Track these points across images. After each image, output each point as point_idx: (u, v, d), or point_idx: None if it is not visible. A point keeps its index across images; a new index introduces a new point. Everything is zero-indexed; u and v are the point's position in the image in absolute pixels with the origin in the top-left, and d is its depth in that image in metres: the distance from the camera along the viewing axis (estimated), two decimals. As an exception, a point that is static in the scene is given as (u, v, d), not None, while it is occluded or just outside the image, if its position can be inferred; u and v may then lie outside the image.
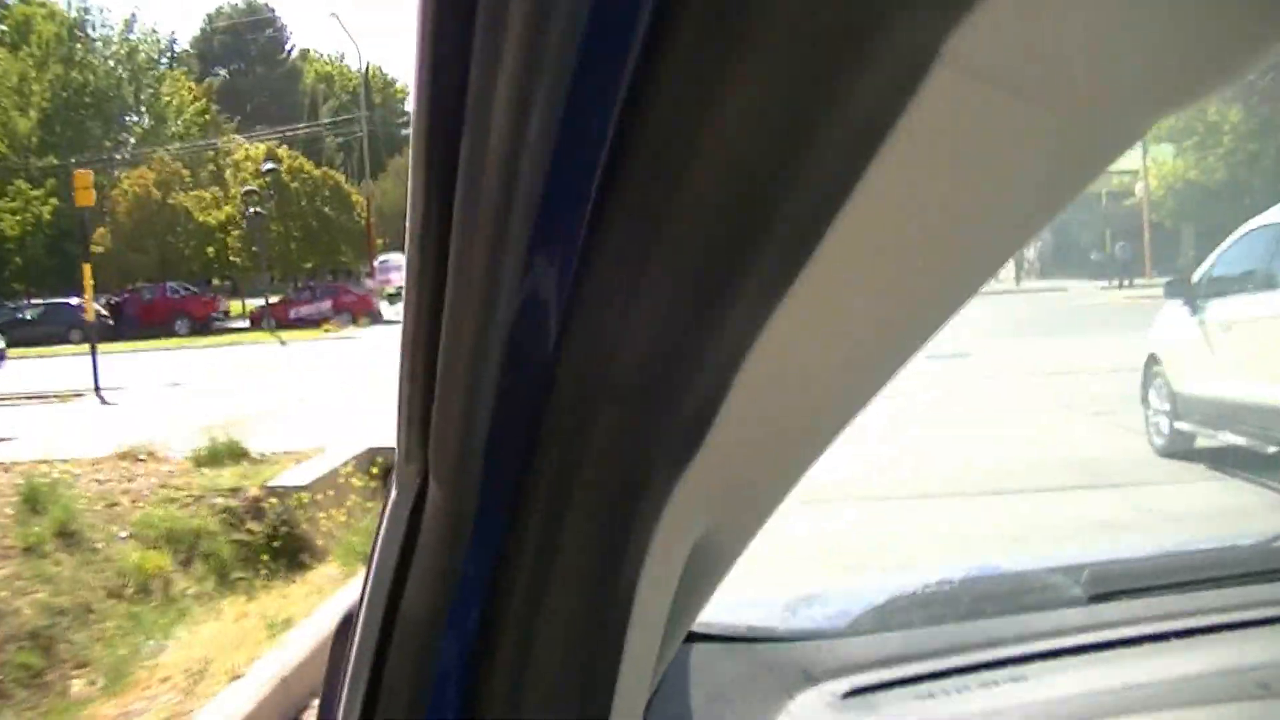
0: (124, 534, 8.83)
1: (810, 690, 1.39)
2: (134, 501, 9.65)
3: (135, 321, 44.25)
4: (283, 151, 56.11)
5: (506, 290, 0.56)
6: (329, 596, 7.35)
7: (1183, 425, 10.31)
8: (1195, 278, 10.79)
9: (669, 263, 0.53)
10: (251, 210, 44.84)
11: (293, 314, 44.33)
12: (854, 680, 1.41)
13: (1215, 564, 1.74)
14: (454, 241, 0.57)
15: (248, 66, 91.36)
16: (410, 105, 0.59)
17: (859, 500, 9.13)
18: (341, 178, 57.77)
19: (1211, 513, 8.18)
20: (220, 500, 9.64)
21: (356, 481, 10.09)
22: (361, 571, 0.85)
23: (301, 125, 69.12)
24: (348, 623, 0.82)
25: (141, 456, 11.14)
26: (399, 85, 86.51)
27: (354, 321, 42.44)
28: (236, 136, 63.96)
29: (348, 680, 0.74)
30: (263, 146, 57.77)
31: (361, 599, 0.74)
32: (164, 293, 46.45)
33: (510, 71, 0.50)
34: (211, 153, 59.59)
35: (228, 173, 56.54)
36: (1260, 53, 0.51)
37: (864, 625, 1.56)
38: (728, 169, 0.50)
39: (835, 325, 0.61)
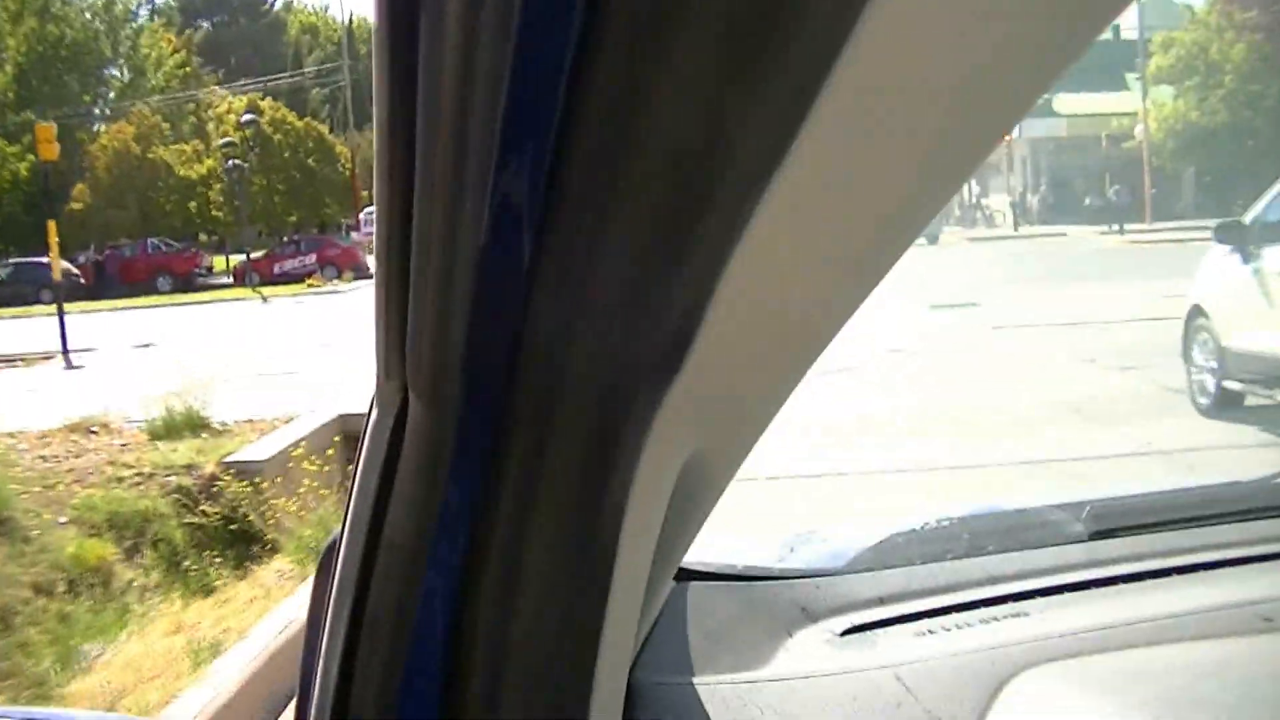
0: (63, 519, 7.99)
1: (809, 627, 1.38)
2: (77, 481, 8.78)
3: (116, 279, 43.57)
4: (265, 103, 54.86)
5: (473, 202, 0.56)
6: (275, 602, 6.49)
7: (1231, 383, 9.56)
8: (1248, 220, 9.94)
9: (637, 183, 0.54)
10: (231, 163, 43.80)
11: (277, 269, 43.58)
12: (852, 618, 1.40)
13: (1217, 500, 1.75)
14: (419, 150, 0.57)
15: (230, 18, 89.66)
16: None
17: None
18: (325, 129, 56.59)
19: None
20: (173, 479, 8.84)
21: (309, 465, 9.14)
22: (345, 496, 0.78)
23: (284, 75, 67.67)
24: (332, 550, 0.81)
25: (94, 429, 10.37)
26: None
27: (339, 276, 41.67)
28: (218, 89, 62.56)
29: (330, 609, 0.72)
30: (244, 99, 56.40)
31: (344, 524, 0.73)
32: (145, 249, 45.63)
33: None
34: (193, 106, 58.31)
35: (210, 126, 55.17)
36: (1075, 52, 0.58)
37: (863, 563, 1.55)
38: (673, 123, 0.52)
39: (791, 260, 0.63)
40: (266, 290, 38.24)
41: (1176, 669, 1.29)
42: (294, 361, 16.86)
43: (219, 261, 48.84)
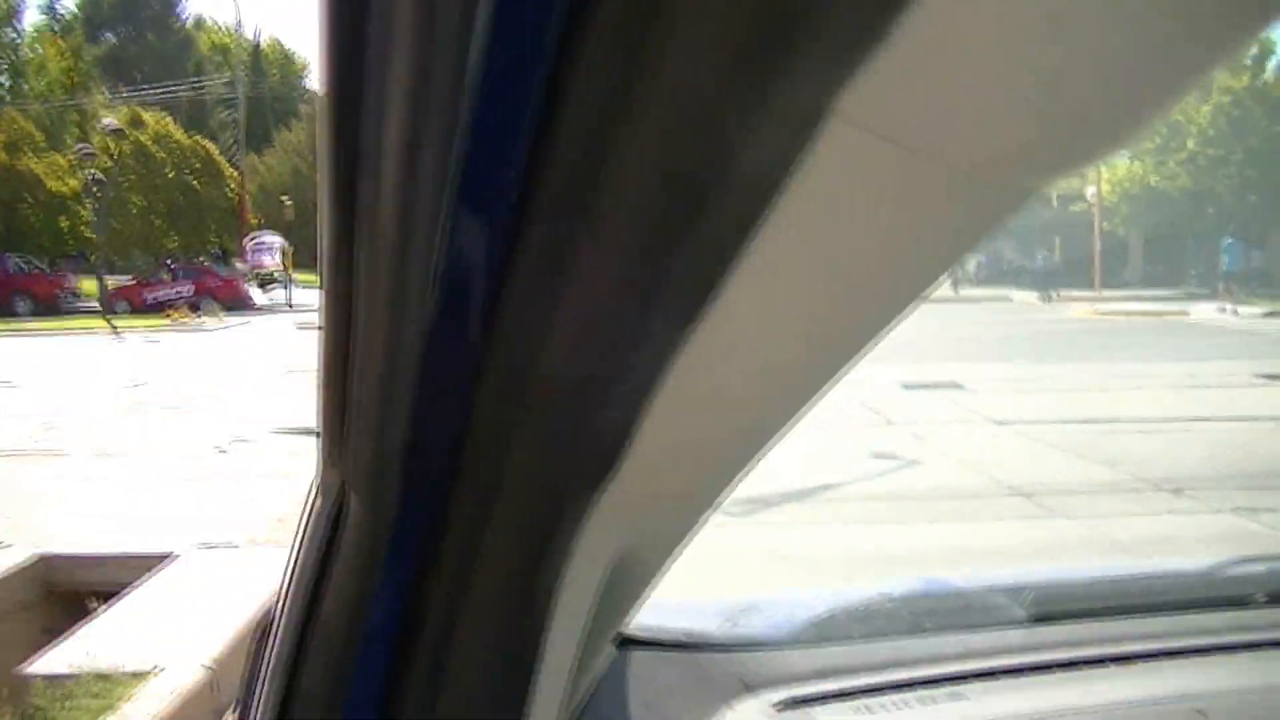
0: None
1: (747, 699, 1.38)
2: None
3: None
4: (149, 116, 50.44)
5: (418, 301, 0.56)
6: None
7: None
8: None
9: (584, 284, 0.55)
10: (92, 175, 39.37)
11: (149, 297, 39.36)
12: (791, 691, 1.40)
13: (1158, 590, 1.77)
14: (363, 251, 0.57)
15: (138, 33, 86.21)
16: (317, 95, 0.56)
17: None
18: (214, 148, 52.35)
19: None
20: None
21: None
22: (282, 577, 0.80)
23: (167, 84, 63.25)
24: (267, 628, 0.82)
25: None
26: (299, 59, 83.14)
27: (200, 311, 37.35)
28: (106, 96, 58.05)
29: (264, 686, 0.74)
30: (129, 110, 51.89)
31: (280, 605, 0.74)
32: (3, 268, 40.52)
33: (413, 69, 0.51)
34: (77, 116, 53.74)
35: (95, 139, 50.59)
36: (1143, 122, 0.55)
37: (804, 637, 1.54)
38: (634, 215, 0.52)
39: (744, 358, 0.64)
40: (131, 321, 34.52)
41: None
42: (73, 436, 12.73)
43: (89, 285, 44.06)
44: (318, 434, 0.70)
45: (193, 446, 11.51)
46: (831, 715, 1.38)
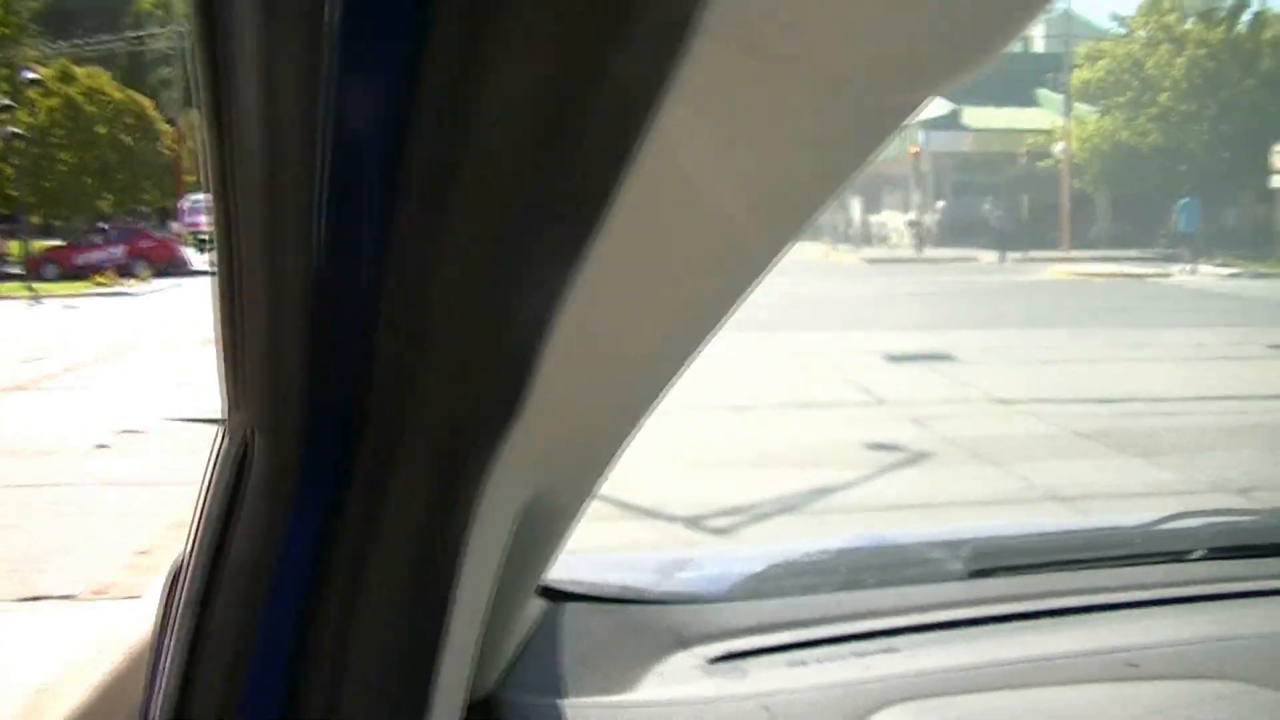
0: None
1: (681, 653, 1.39)
2: None
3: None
4: (81, 71, 48.23)
5: (303, 234, 0.56)
6: None
7: None
8: None
9: (466, 214, 0.55)
10: (9, 131, 36.92)
11: (79, 260, 37.58)
12: (726, 645, 1.41)
13: (1097, 544, 1.76)
14: (240, 184, 0.57)
15: None
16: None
17: None
18: (148, 104, 50.15)
19: None
20: None
21: None
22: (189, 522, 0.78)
23: (101, 38, 61.06)
24: (177, 575, 0.81)
25: None
26: None
27: (135, 274, 35.59)
28: (39, 51, 55.66)
29: (173, 631, 0.73)
30: (60, 65, 49.66)
31: (189, 549, 0.73)
32: (-79, 231, 38.51)
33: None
34: (5, 71, 51.37)
35: (28, 93, 48.34)
36: (1013, 32, 0.56)
37: (739, 592, 1.55)
38: (509, 139, 0.52)
39: (629, 295, 0.66)
40: (53, 287, 32.49)
41: (1037, 712, 1.32)
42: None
43: (14, 248, 41.97)
44: (218, 377, 0.68)
45: (71, 439, 9.81)
46: (765, 669, 1.38)
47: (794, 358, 13.84)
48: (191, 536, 0.72)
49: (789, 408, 11.10)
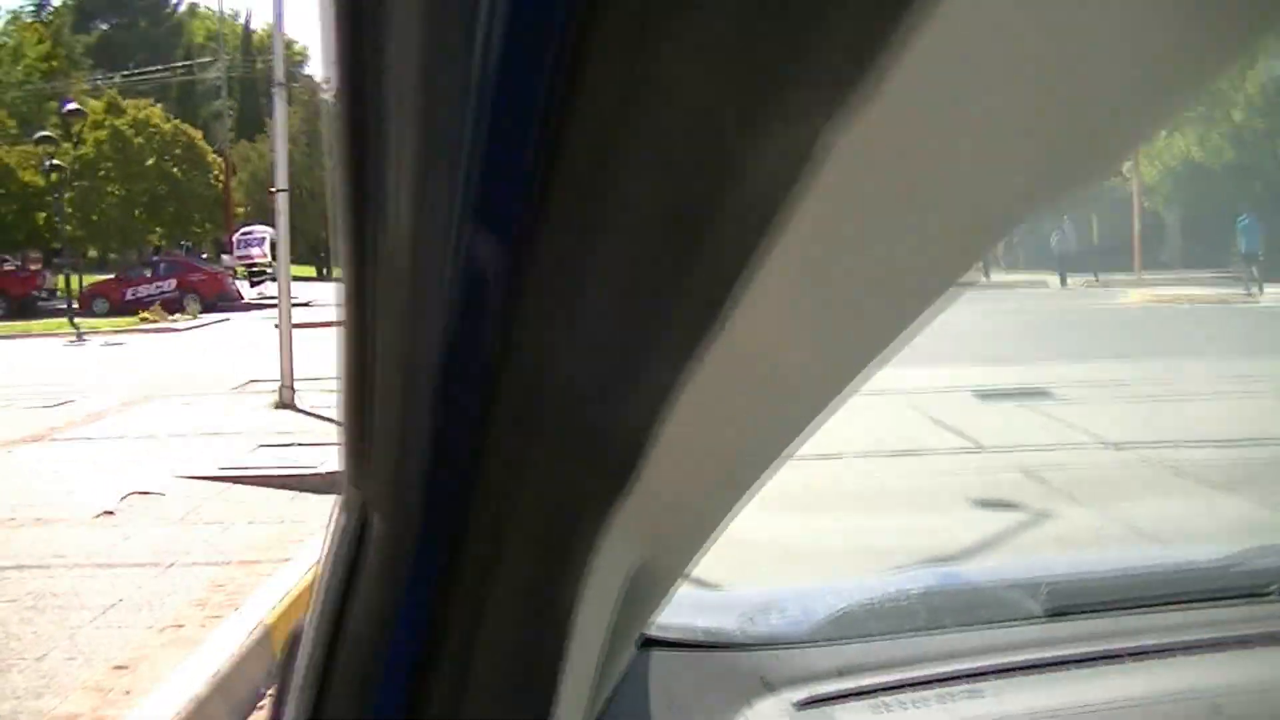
0: None
1: (767, 698, 1.40)
2: None
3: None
4: (129, 102, 47.78)
5: (434, 319, 0.57)
6: None
7: None
8: None
9: (595, 298, 0.55)
10: (49, 163, 35.86)
11: (129, 294, 37.03)
12: (811, 689, 1.42)
13: (1174, 583, 1.74)
14: (376, 272, 0.58)
15: (130, 21, 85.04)
16: (330, 98, 0.55)
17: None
18: (197, 135, 49.72)
19: None
20: None
21: None
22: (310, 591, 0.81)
23: (151, 70, 60.77)
24: (295, 644, 0.84)
25: None
26: (298, 46, 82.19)
27: (183, 308, 34.95)
28: (89, 83, 55.37)
29: (293, 696, 0.76)
30: (109, 97, 49.20)
31: (308, 619, 0.75)
32: (-30, 267, 37.92)
33: (421, 83, 0.51)
34: (56, 104, 51.05)
35: (78, 127, 47.89)
36: (1140, 143, 0.61)
37: (822, 634, 1.55)
38: (642, 230, 0.52)
39: (756, 368, 0.66)
40: (98, 323, 31.92)
41: None
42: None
43: (59, 281, 41.28)
44: (339, 455, 0.69)
45: (74, 504, 8.72)
46: (850, 714, 1.38)
47: (873, 396, 12.64)
48: (310, 611, 0.75)
49: (877, 456, 9.89)
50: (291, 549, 7.15)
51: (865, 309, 0.64)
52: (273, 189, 14.22)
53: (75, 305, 34.58)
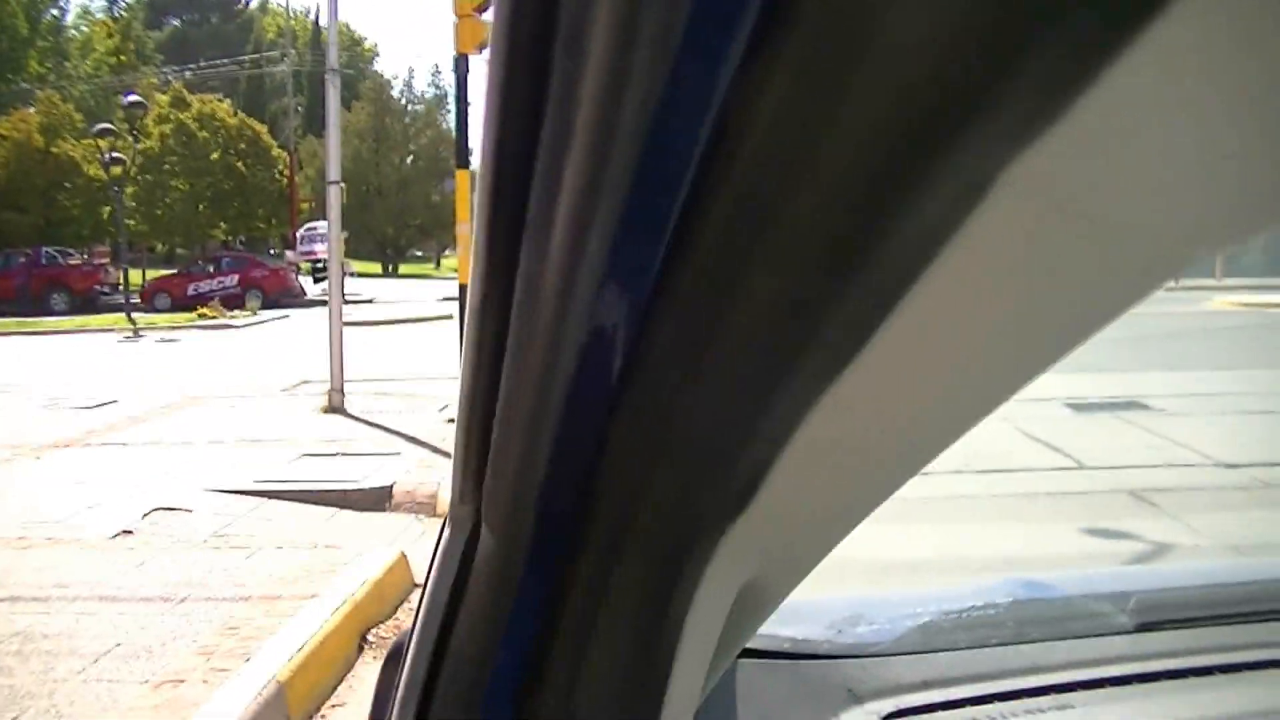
0: None
1: (855, 709, 1.38)
2: None
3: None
4: (194, 98, 47.53)
5: (567, 350, 0.58)
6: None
7: None
8: None
9: (729, 332, 0.55)
10: (109, 157, 35.42)
11: (191, 290, 36.91)
12: (898, 701, 1.39)
13: (1264, 596, 1.67)
14: (517, 297, 0.59)
15: (202, 17, 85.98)
16: (479, 129, 0.60)
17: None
18: (262, 129, 49.45)
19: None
20: None
21: None
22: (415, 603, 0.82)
23: (218, 63, 60.65)
24: (398, 653, 0.87)
25: None
26: (368, 43, 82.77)
27: (245, 304, 34.54)
28: (158, 78, 55.20)
29: (396, 708, 0.77)
30: (175, 90, 48.93)
31: (412, 632, 0.77)
32: (36, 260, 37.60)
33: (590, 105, 0.51)
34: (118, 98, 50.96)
35: (147, 121, 47.63)
36: None
37: (908, 644, 1.52)
38: (787, 271, 0.52)
39: (880, 409, 0.65)
40: (155, 319, 31.73)
41: None
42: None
43: (134, 277, 41.03)
44: (452, 470, 0.72)
45: (94, 521, 8.02)
46: None
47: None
48: (415, 622, 0.77)
49: (967, 475, 9.04)
50: (319, 582, 6.30)
51: (1010, 347, 0.63)
52: (340, 184, 13.51)
53: (132, 300, 34.17)
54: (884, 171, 0.46)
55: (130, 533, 7.70)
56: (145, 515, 8.12)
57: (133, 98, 36.72)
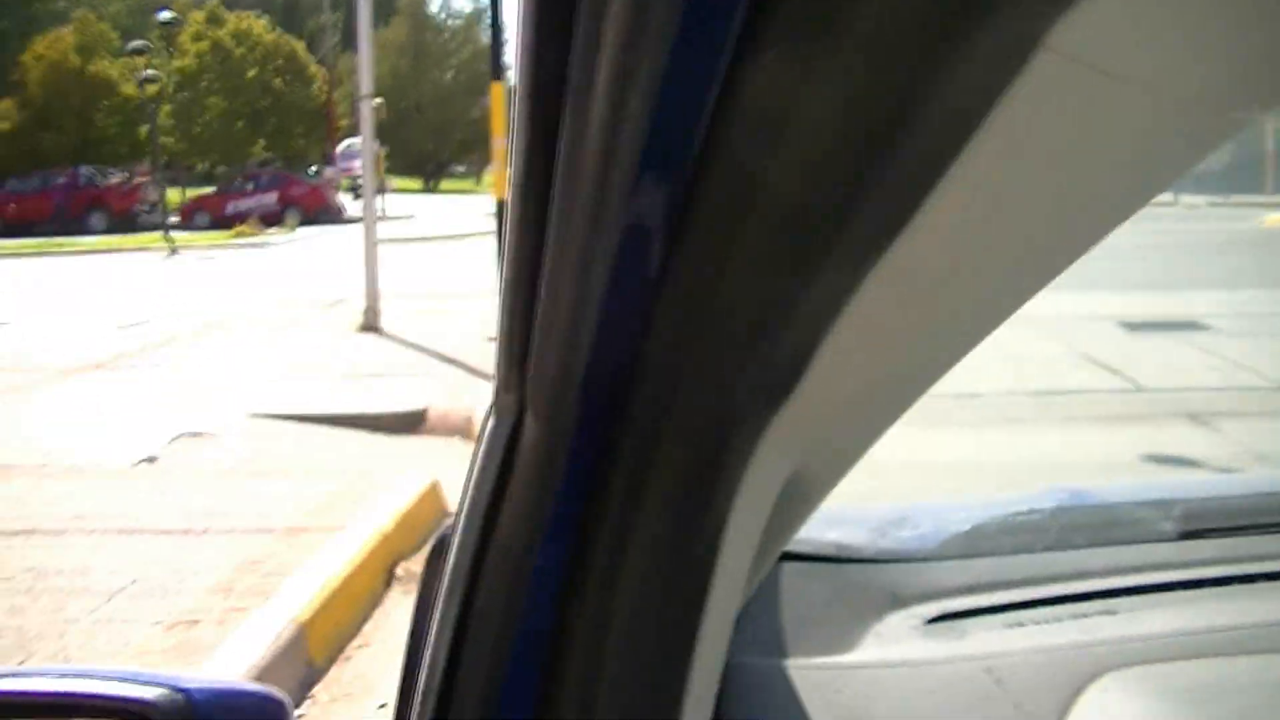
0: None
1: (898, 613, 1.40)
2: None
3: (22, 217, 35.93)
4: (231, 15, 47.11)
5: (612, 221, 0.58)
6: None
7: None
8: None
9: (768, 217, 0.56)
10: (144, 75, 35.19)
11: (230, 208, 36.80)
12: (942, 605, 1.41)
13: None
14: (557, 186, 0.60)
15: None
16: (513, 70, 0.62)
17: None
18: (300, 46, 49.06)
19: None
20: None
21: None
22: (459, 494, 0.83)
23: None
24: (442, 547, 0.89)
25: None
26: None
27: (283, 222, 34.26)
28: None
29: (441, 599, 0.78)
30: (210, 8, 48.55)
31: (457, 522, 0.78)
32: (75, 180, 37.44)
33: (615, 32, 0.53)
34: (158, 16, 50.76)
35: (183, 38, 47.32)
36: None
37: (952, 549, 1.53)
38: (828, 137, 0.53)
39: (927, 289, 0.66)
40: (193, 238, 31.41)
41: (1264, 683, 1.29)
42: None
43: (173, 196, 40.88)
44: (495, 359, 0.73)
45: (117, 447, 7.79)
46: (983, 630, 1.37)
47: (1009, 326, 11.32)
48: (459, 511, 0.77)
49: (1022, 396, 8.69)
50: (347, 512, 6.04)
51: (1033, 244, 0.64)
52: (372, 98, 13.22)
53: (171, 219, 33.90)
54: (928, 31, 0.47)
55: (154, 460, 7.48)
56: (170, 441, 7.89)
57: (165, 14, 36.29)
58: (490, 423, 0.76)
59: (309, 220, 35.63)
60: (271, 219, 34.71)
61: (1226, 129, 0.58)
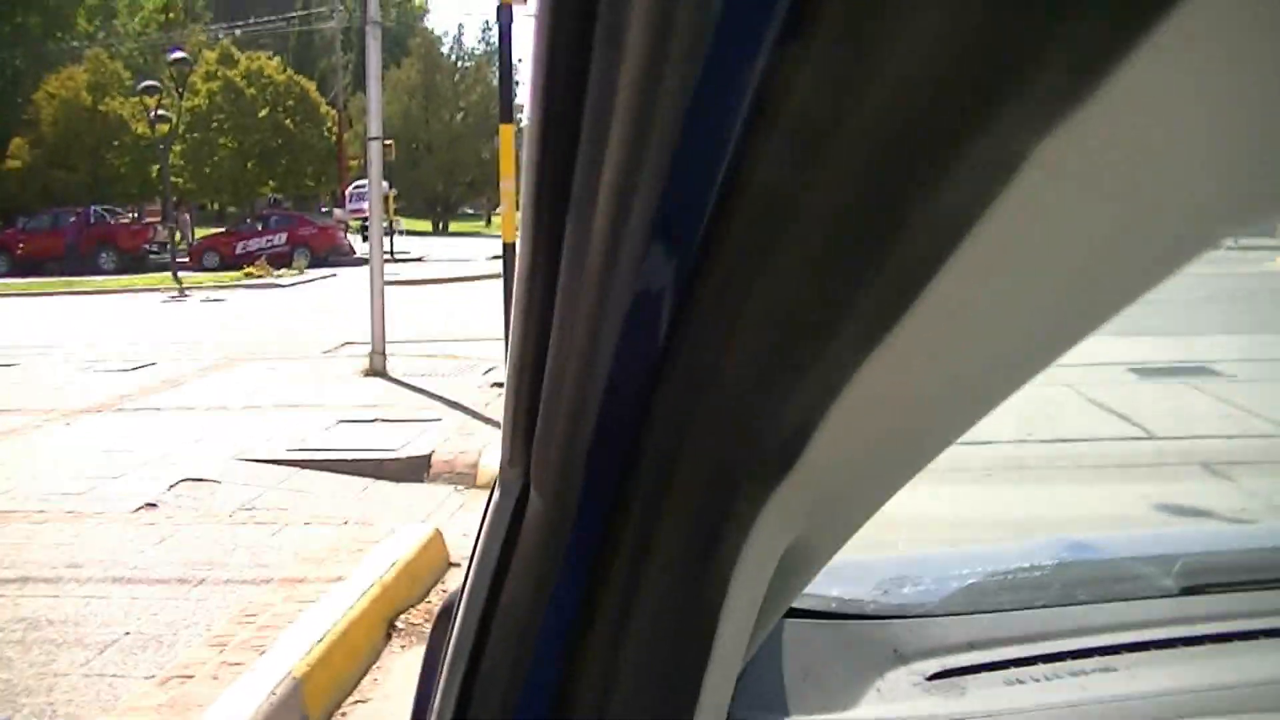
0: None
1: (899, 669, 1.41)
2: None
3: (33, 255, 36.15)
4: (243, 55, 47.38)
5: (613, 312, 0.59)
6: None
7: None
8: None
9: (774, 292, 0.56)
10: (155, 114, 35.08)
11: (239, 248, 36.93)
12: (943, 661, 1.42)
13: None
14: (564, 262, 0.60)
15: None
16: (526, 104, 0.63)
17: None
18: (310, 86, 49.25)
19: None
20: None
21: None
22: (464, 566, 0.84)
23: (267, 20, 60.49)
24: (448, 613, 0.89)
25: None
26: (416, 1, 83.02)
27: (292, 263, 34.31)
28: (206, 35, 55.07)
29: (445, 669, 0.80)
30: (222, 47, 48.75)
31: (462, 592, 0.80)
32: (86, 219, 37.54)
33: (632, 75, 0.52)
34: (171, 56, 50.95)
35: (194, 78, 47.48)
36: None
37: (954, 605, 1.54)
38: (826, 237, 0.53)
39: (928, 369, 0.66)
40: (201, 277, 31.61)
41: None
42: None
43: (176, 236, 40.93)
44: (502, 435, 0.74)
45: (118, 492, 7.70)
46: (983, 687, 1.37)
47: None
48: (464, 582, 0.79)
49: (1032, 446, 8.58)
50: (347, 562, 5.92)
51: (1049, 315, 0.64)
52: (380, 140, 13.20)
53: (181, 259, 33.96)
54: (917, 151, 0.47)
55: (154, 506, 7.36)
56: (171, 487, 7.78)
57: (177, 54, 36.38)
58: (496, 495, 0.77)
59: (319, 260, 35.55)
60: (281, 259, 34.58)
61: (1205, 242, 0.58)
